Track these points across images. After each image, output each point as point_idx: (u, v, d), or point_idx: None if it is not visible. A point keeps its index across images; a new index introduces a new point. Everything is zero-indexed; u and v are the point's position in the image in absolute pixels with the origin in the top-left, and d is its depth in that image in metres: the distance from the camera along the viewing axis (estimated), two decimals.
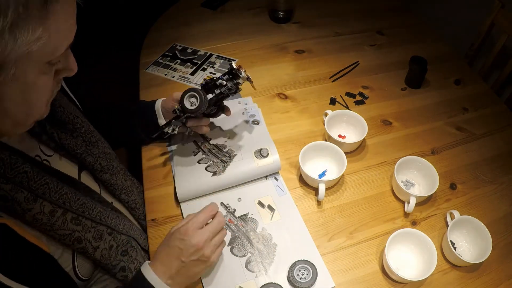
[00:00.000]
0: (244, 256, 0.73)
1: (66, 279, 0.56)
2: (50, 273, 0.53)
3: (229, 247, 0.74)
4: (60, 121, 0.62)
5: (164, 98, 0.85)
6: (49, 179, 0.53)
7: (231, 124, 0.96)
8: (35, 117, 0.48)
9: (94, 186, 0.68)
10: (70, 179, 0.60)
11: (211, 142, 0.91)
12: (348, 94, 1.07)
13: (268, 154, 0.85)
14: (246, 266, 0.72)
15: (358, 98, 1.07)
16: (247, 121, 0.96)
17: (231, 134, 0.92)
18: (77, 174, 0.65)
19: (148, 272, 0.59)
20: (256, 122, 0.96)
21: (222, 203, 0.81)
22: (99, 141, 0.70)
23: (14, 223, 0.49)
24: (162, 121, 0.83)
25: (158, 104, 0.84)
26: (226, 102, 1.02)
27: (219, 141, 0.91)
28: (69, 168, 0.64)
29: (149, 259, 0.72)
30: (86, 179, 0.67)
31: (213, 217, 0.66)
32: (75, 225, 0.56)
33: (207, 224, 0.65)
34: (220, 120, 0.96)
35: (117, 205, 0.73)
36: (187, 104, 0.73)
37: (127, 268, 0.66)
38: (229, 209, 0.80)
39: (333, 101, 1.05)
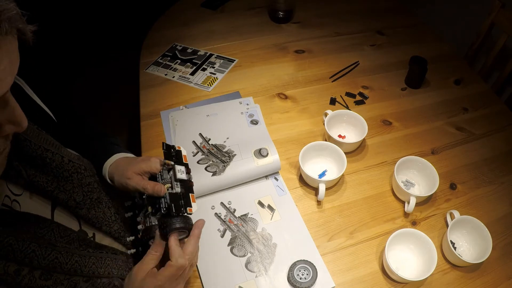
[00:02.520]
0: (244, 256, 0.73)
1: None
2: None
3: (229, 247, 0.74)
4: (28, 156, 0.56)
5: (126, 156, 0.74)
6: (12, 240, 0.48)
7: (231, 124, 0.96)
8: None
9: (71, 221, 0.64)
10: (42, 219, 0.56)
11: (210, 142, 0.91)
12: (348, 94, 1.07)
13: (267, 153, 0.85)
14: (246, 266, 0.72)
15: (358, 98, 1.07)
16: (246, 121, 0.96)
17: (230, 134, 0.93)
18: (50, 212, 0.61)
19: None
20: (255, 122, 0.96)
21: (222, 203, 0.81)
22: (74, 174, 0.63)
23: None
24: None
25: (106, 170, 0.72)
26: (226, 102, 1.02)
27: (218, 141, 0.91)
28: (41, 207, 0.59)
29: None
30: (62, 216, 0.62)
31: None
32: (45, 280, 0.51)
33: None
34: (219, 120, 0.97)
35: (99, 236, 0.68)
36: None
37: None
38: (229, 209, 0.80)
39: (333, 101, 1.05)
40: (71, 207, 0.62)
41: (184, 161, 0.69)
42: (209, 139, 0.91)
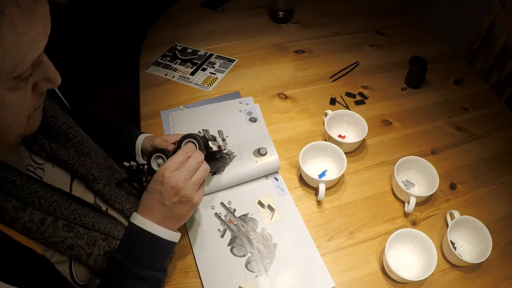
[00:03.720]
0: (244, 256, 0.73)
1: (63, 283, 0.55)
2: (46, 276, 0.52)
3: (229, 247, 0.74)
4: (52, 131, 0.61)
5: (150, 135, 0.82)
6: (39, 187, 0.52)
7: (230, 122, 0.96)
8: (15, 135, 0.46)
9: (87, 195, 0.67)
10: (61, 191, 0.59)
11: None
12: (348, 94, 1.07)
13: (266, 152, 0.85)
14: (246, 266, 0.72)
15: (358, 98, 1.07)
16: (245, 119, 0.96)
17: (229, 132, 0.92)
18: (69, 183, 0.64)
19: (138, 219, 0.59)
20: (254, 120, 0.96)
21: (222, 203, 0.81)
22: (92, 151, 0.68)
23: (7, 228, 0.48)
24: (139, 159, 0.80)
25: (140, 140, 0.80)
26: (226, 102, 1.02)
27: (218, 139, 0.90)
28: (61, 177, 0.63)
29: None
30: (79, 189, 0.65)
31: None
32: (67, 232, 0.55)
33: None
34: (219, 119, 0.96)
35: (112, 212, 0.71)
36: (153, 165, 0.68)
37: None
38: (229, 209, 0.80)
39: (333, 101, 1.05)
40: (89, 180, 0.66)
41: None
42: None
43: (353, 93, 1.08)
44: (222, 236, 0.76)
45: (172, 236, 0.62)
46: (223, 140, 0.81)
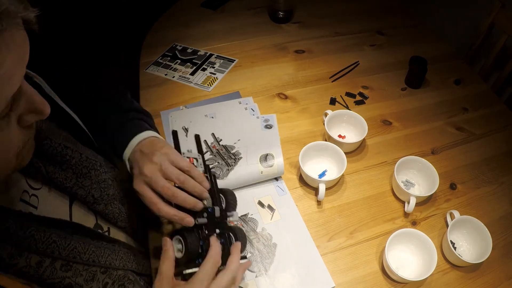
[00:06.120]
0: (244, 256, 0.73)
1: None
2: None
3: None
4: (47, 154, 0.57)
5: (153, 138, 0.69)
6: (35, 230, 0.49)
7: (244, 127, 0.95)
8: (4, 174, 0.43)
9: (88, 217, 0.64)
10: (59, 221, 0.56)
11: (221, 143, 0.90)
12: (348, 94, 1.07)
13: (273, 161, 0.83)
14: None
15: (358, 98, 1.07)
16: (260, 125, 0.96)
17: (242, 136, 0.92)
18: (68, 206, 0.61)
19: None
20: (269, 126, 0.96)
21: None
22: (92, 170, 0.64)
23: (1, 276, 0.45)
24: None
25: (134, 144, 0.67)
26: (225, 102, 1.02)
27: (229, 142, 0.90)
28: (59, 202, 0.60)
29: (147, 276, 0.70)
30: (79, 211, 0.63)
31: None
32: (65, 271, 0.52)
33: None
34: (234, 122, 0.96)
35: (114, 232, 0.69)
36: (177, 255, 0.61)
37: None
38: None
39: (333, 101, 1.05)
40: (89, 202, 0.63)
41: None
42: (221, 140, 0.91)
43: (353, 93, 1.08)
44: None
45: None
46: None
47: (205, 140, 0.91)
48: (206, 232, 0.62)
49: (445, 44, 1.27)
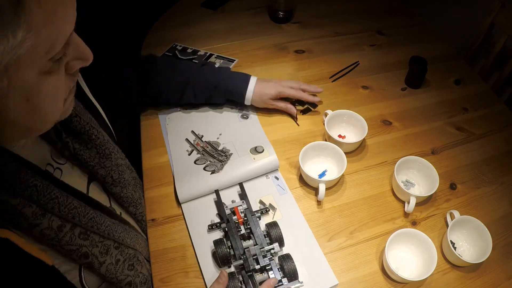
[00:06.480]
0: None
1: None
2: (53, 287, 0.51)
3: None
4: (76, 131, 0.59)
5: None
6: (59, 193, 0.50)
7: (222, 119, 0.96)
8: (53, 121, 0.45)
9: (103, 197, 0.66)
10: (79, 193, 0.58)
11: (203, 139, 0.91)
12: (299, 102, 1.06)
13: (263, 150, 0.86)
14: None
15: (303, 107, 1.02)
16: (236, 116, 0.97)
17: (223, 130, 0.93)
18: (86, 185, 0.63)
19: None
20: (245, 116, 0.96)
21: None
22: (112, 153, 0.67)
23: (17, 237, 0.46)
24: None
25: (249, 95, 0.93)
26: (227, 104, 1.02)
27: (212, 137, 0.91)
28: (78, 179, 0.62)
29: (149, 263, 0.72)
30: (95, 191, 0.65)
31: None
32: (83, 240, 0.54)
33: None
34: (211, 117, 0.97)
35: (125, 216, 0.71)
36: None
37: (133, 282, 0.64)
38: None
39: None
40: (107, 183, 0.66)
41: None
42: (202, 136, 0.91)
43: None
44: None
45: None
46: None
47: (187, 139, 0.91)
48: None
49: (445, 44, 1.27)
